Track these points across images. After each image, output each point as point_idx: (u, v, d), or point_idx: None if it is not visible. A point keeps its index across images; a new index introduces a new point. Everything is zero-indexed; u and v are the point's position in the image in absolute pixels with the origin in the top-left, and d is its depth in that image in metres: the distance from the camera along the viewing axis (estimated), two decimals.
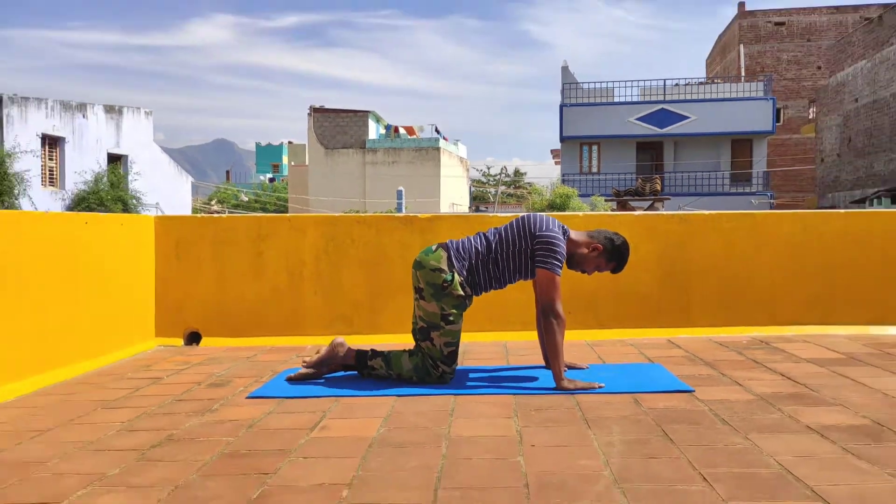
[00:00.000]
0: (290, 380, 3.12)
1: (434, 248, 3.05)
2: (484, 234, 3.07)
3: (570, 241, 3.03)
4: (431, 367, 3.02)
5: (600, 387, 2.90)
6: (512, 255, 2.99)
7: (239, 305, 4.30)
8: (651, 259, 4.29)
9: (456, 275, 2.98)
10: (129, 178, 22.06)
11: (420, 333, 3.05)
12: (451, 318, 2.99)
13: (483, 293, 3.10)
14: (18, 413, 2.76)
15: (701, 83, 29.68)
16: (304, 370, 3.14)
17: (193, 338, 4.30)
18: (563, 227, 3.05)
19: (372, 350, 3.14)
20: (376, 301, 4.27)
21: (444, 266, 2.98)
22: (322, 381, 3.13)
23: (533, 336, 3.59)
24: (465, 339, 4.07)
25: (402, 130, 36.97)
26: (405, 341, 3.96)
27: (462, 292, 2.99)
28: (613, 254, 3.06)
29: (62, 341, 3.44)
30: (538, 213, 3.10)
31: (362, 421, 2.54)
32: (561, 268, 2.96)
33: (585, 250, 3.04)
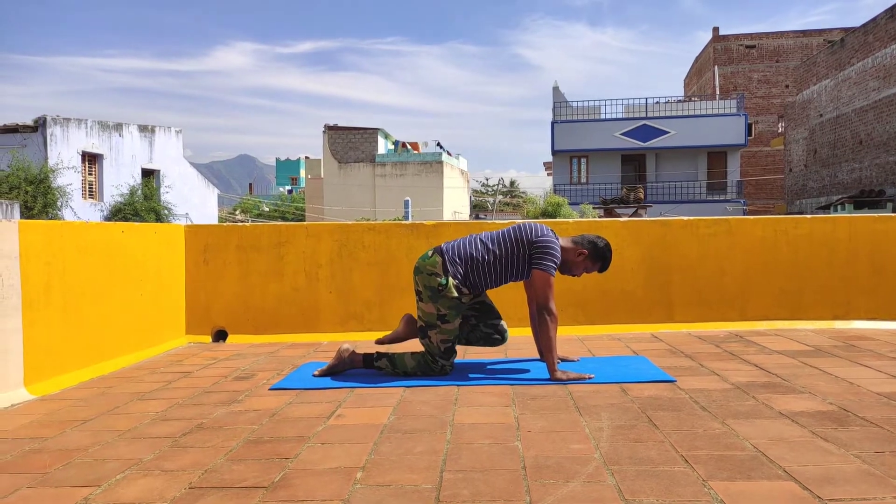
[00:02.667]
0: (315, 375, 3.11)
1: (430, 253, 3.04)
2: (479, 239, 3.05)
3: (560, 248, 3.02)
4: (431, 362, 3.03)
5: (590, 377, 2.90)
6: (510, 259, 2.99)
7: (261, 305, 4.30)
8: (636, 261, 4.29)
9: (451, 278, 2.97)
10: (161, 190, 22.10)
11: (420, 331, 3.05)
12: (447, 318, 2.99)
13: (480, 291, 3.10)
14: (62, 405, 2.76)
15: (679, 101, 29.66)
16: (318, 373, 3.12)
17: (220, 335, 4.31)
18: (555, 234, 3.05)
19: (377, 353, 3.14)
20: (385, 300, 4.27)
21: (439, 271, 2.98)
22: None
23: (528, 332, 3.58)
24: None
25: (408, 146, 37.02)
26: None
27: (457, 294, 2.99)
28: (598, 255, 3.05)
29: (102, 338, 3.44)
30: (533, 223, 3.09)
31: (374, 410, 2.54)
32: (556, 270, 2.96)
33: (573, 256, 3.04)
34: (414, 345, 3.69)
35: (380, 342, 3.21)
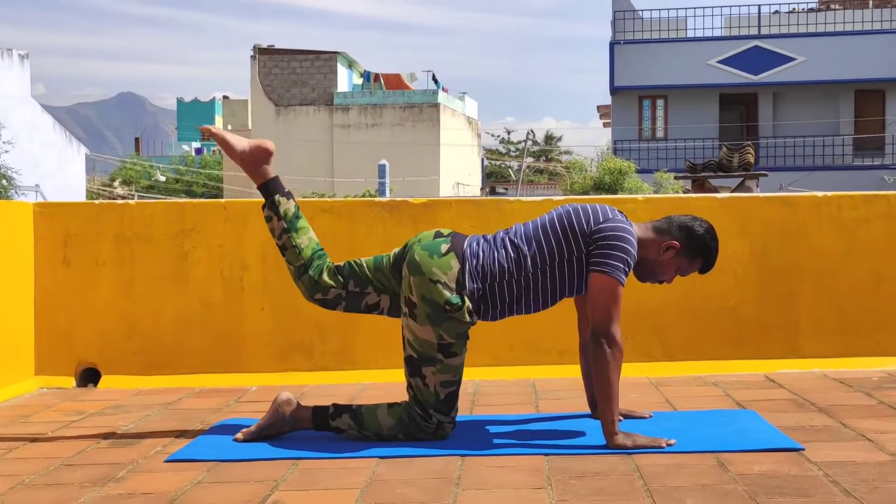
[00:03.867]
0: (237, 440, 3.11)
1: (443, 248, 3.01)
2: (510, 239, 3.04)
3: (637, 241, 3.01)
4: (421, 417, 3.02)
5: (669, 444, 2.90)
6: (560, 267, 2.97)
7: (154, 330, 4.30)
8: (742, 261, 4.29)
9: (466, 299, 2.97)
10: None
11: (409, 365, 3.05)
12: (453, 350, 3.00)
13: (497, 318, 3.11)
14: None
15: (811, 10, 29.66)
16: (242, 437, 3.13)
17: (89, 376, 4.30)
18: (627, 218, 3.05)
19: (335, 405, 3.13)
20: (349, 321, 4.27)
21: (452, 283, 2.97)
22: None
23: (574, 371, 3.59)
24: (477, 374, 4.08)
25: (380, 79, 36.98)
26: (392, 378, 3.96)
27: (469, 319, 2.99)
28: (697, 247, 3.03)
29: None
30: (586, 204, 3.09)
31: (331, 494, 2.53)
32: (627, 275, 2.95)
33: (655, 253, 3.03)
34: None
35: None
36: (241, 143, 3.23)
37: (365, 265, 3.18)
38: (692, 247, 3.04)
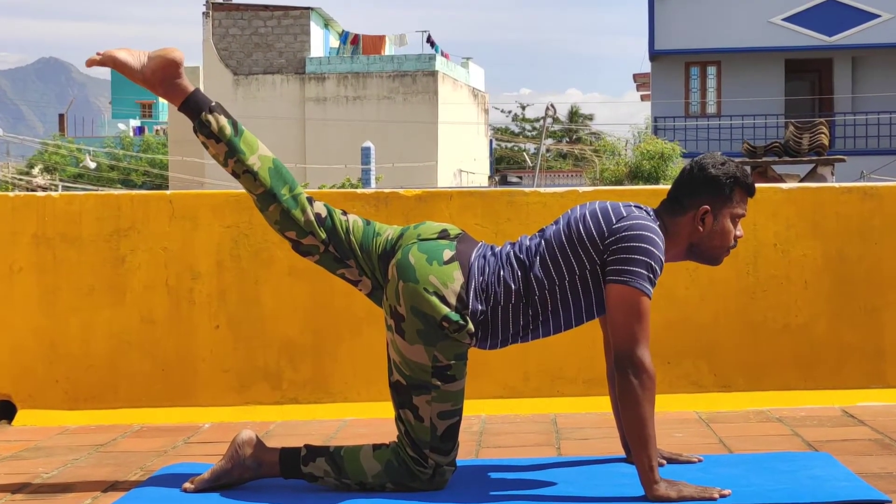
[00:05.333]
0: (186, 490, 3.12)
1: (446, 252, 3.01)
2: (515, 255, 3.02)
3: (663, 240, 3.01)
4: (414, 460, 3.02)
5: (724, 494, 2.89)
6: (571, 286, 2.97)
7: (83, 352, 4.31)
8: (812, 267, 4.30)
9: (469, 319, 2.96)
10: None
11: (397, 393, 3.04)
12: (451, 373, 3.00)
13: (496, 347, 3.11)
14: None
15: None
16: (192, 487, 3.13)
17: (2, 410, 4.30)
18: (649, 214, 3.03)
19: (307, 447, 3.13)
20: (325, 341, 4.28)
21: (452, 298, 2.97)
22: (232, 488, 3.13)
23: (604, 404, 3.59)
24: (483, 408, 4.08)
25: (359, 40, 37.00)
26: (378, 413, 3.96)
27: (469, 341, 2.99)
28: (724, 186, 3.02)
29: None
30: (602, 202, 3.07)
31: None
32: (654, 283, 2.95)
33: (695, 230, 3.03)
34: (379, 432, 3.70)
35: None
36: (139, 58, 3.18)
37: (352, 232, 3.13)
38: (720, 192, 3.03)
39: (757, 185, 3.26)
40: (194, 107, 3.17)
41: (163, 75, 3.17)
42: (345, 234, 3.13)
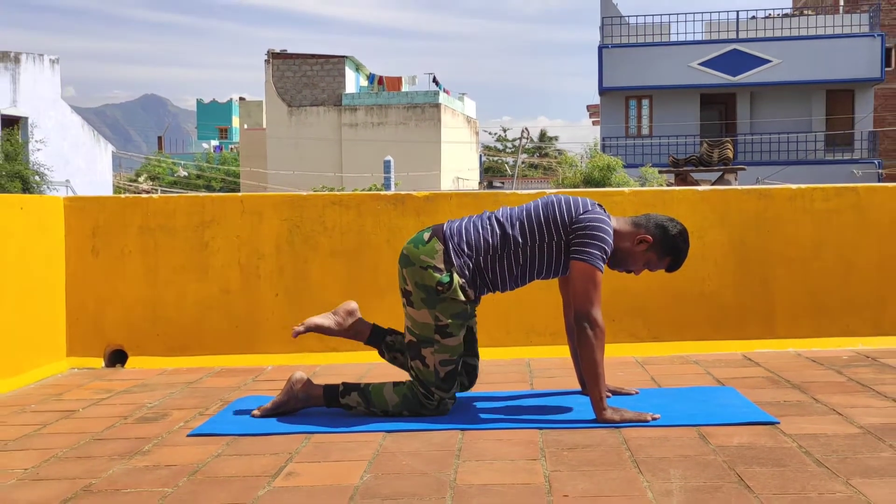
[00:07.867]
0: (254, 416, 3.12)
1: (426, 236, 3.05)
2: (496, 218, 3.06)
3: (614, 232, 3.02)
4: (424, 395, 3.04)
5: (654, 418, 2.91)
6: (538, 248, 2.99)
7: (177, 314, 4.31)
8: (720, 248, 4.29)
9: (455, 275, 2.97)
10: (30, 146, 22.07)
11: (410, 349, 3.06)
12: (449, 330, 3.00)
13: (491, 293, 3.11)
14: None
15: (786, 15, 29.56)
16: (259, 413, 3.13)
17: (117, 357, 4.32)
18: (605, 211, 3.06)
19: (344, 384, 3.14)
20: (359, 306, 4.27)
21: (440, 263, 2.98)
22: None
23: (563, 351, 3.59)
24: None
25: (383, 82, 36.90)
26: None
27: (464, 297, 2.99)
28: (668, 246, 3.05)
29: None
30: (572, 195, 3.09)
31: (341, 465, 2.54)
32: (605, 262, 2.96)
33: (629, 244, 3.03)
34: (393, 371, 3.70)
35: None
36: (330, 318, 3.22)
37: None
38: (664, 244, 3.05)
39: (679, 187, 3.26)
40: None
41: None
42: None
